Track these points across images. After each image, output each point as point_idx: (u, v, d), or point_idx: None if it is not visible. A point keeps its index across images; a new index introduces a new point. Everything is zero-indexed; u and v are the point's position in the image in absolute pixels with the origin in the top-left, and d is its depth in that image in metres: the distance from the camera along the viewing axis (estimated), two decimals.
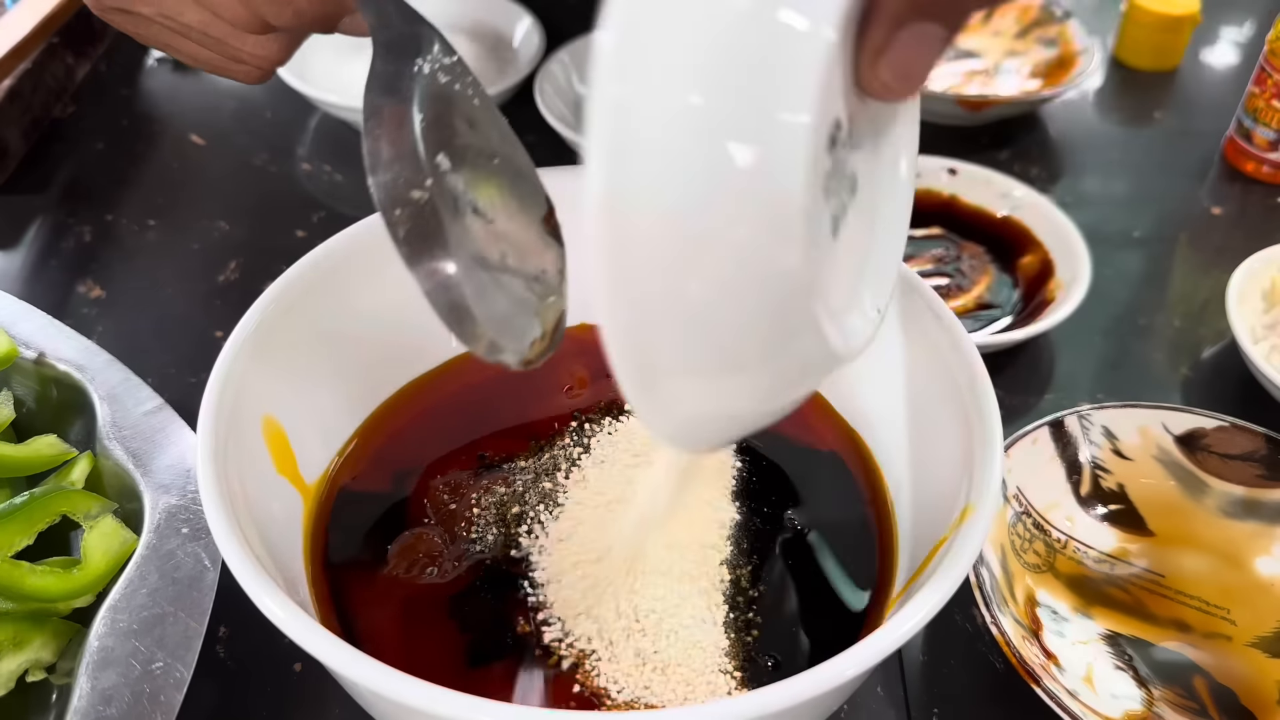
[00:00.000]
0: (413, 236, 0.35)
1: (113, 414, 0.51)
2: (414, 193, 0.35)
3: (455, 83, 0.40)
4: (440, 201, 0.35)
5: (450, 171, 0.37)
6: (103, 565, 0.46)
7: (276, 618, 0.34)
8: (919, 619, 0.35)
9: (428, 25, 0.41)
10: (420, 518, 0.47)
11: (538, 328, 0.37)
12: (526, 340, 0.36)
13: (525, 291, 0.37)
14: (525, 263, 0.37)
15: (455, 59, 0.40)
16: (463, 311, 0.35)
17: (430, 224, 0.35)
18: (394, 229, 0.35)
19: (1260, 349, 0.63)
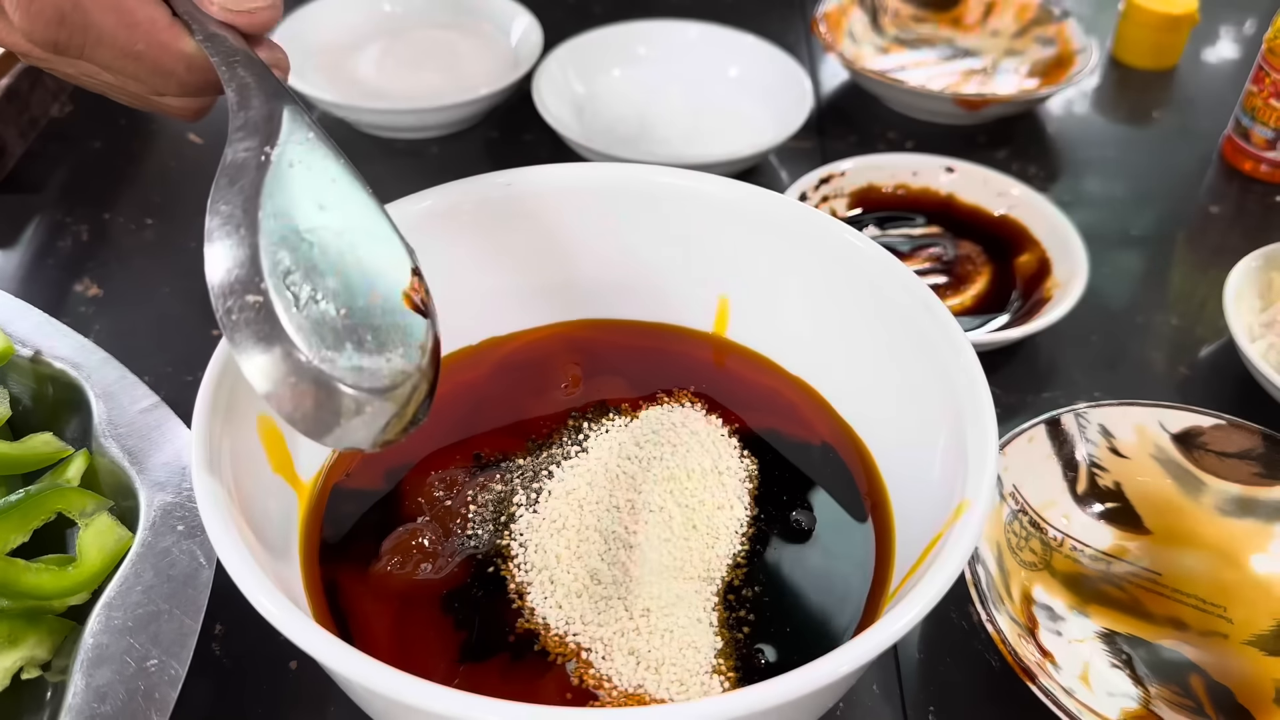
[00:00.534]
0: (248, 341, 0.34)
1: (108, 412, 0.51)
2: (249, 296, 0.34)
3: (310, 165, 0.39)
4: (277, 304, 0.35)
5: (291, 265, 0.36)
6: (98, 563, 0.46)
7: (271, 615, 0.34)
8: (912, 616, 0.35)
9: (289, 102, 0.40)
10: (414, 514, 0.47)
11: (390, 408, 0.36)
12: (377, 424, 0.36)
13: (373, 376, 0.36)
14: (377, 347, 0.37)
15: (311, 135, 0.40)
16: (306, 408, 0.35)
17: (266, 325, 0.34)
18: (229, 332, 0.35)
19: (1257, 347, 0.63)
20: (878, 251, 0.49)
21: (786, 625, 0.43)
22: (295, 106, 0.40)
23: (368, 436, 0.36)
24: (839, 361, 0.52)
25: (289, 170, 0.38)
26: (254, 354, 0.34)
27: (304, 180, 0.39)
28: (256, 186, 0.37)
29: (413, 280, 0.40)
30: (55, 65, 0.43)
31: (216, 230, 0.36)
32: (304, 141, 0.40)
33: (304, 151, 0.39)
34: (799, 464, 0.50)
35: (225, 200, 0.36)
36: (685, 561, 0.44)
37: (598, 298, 0.57)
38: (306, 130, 0.40)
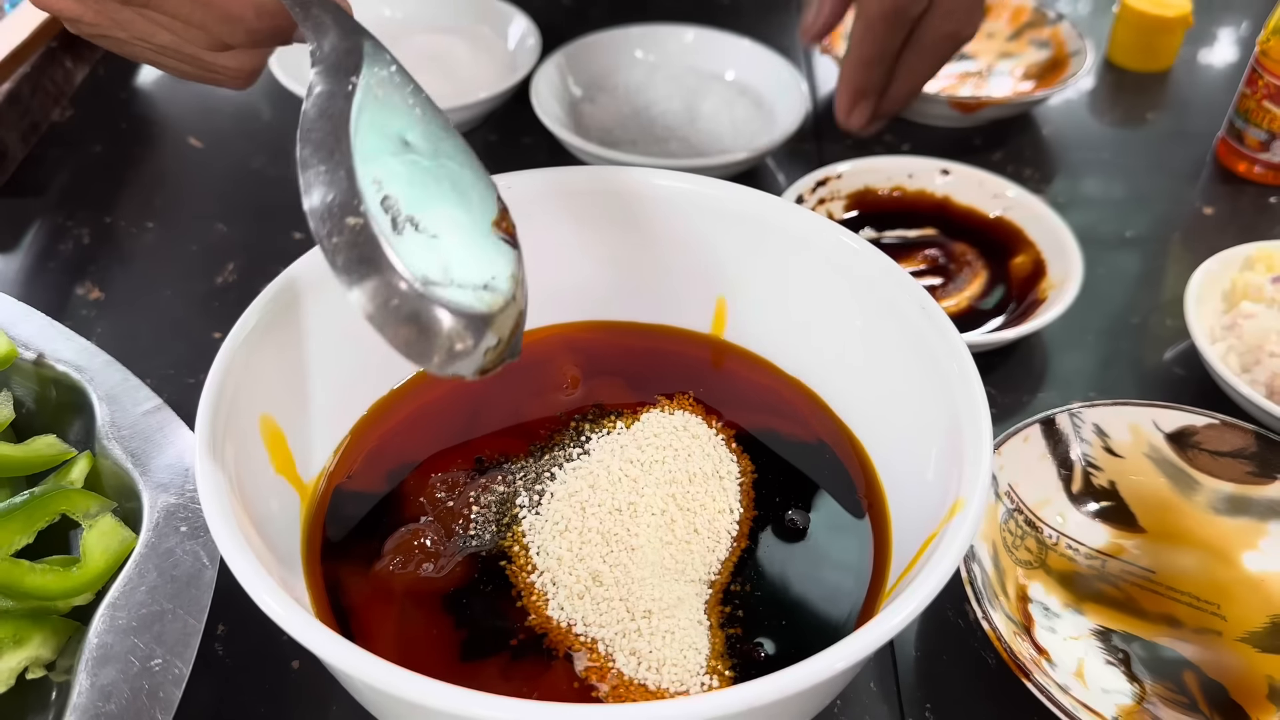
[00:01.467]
0: (350, 263, 0.35)
1: (111, 414, 0.52)
2: (349, 218, 0.35)
3: (394, 95, 0.40)
4: (377, 223, 0.35)
5: (387, 190, 0.37)
6: (102, 563, 0.46)
7: (275, 614, 0.35)
8: (907, 614, 0.35)
9: (368, 37, 0.41)
10: (416, 515, 0.47)
11: (491, 336, 0.37)
12: (480, 350, 0.36)
13: (474, 301, 0.36)
14: (473, 272, 0.37)
15: (394, 69, 0.40)
16: (408, 333, 0.35)
17: (367, 247, 0.35)
18: (331, 256, 0.35)
19: (1217, 349, 0.64)
20: (873, 254, 0.49)
21: (786, 625, 0.44)
22: (375, 41, 0.41)
23: (469, 363, 0.36)
24: (836, 362, 0.52)
25: (375, 100, 0.39)
26: (356, 276, 0.35)
27: (391, 109, 0.39)
28: (345, 114, 0.37)
29: (500, 209, 0.41)
30: (114, 23, 0.43)
31: (310, 156, 0.36)
32: (388, 73, 0.40)
33: (388, 82, 0.40)
34: (796, 465, 0.50)
35: (316, 128, 0.37)
36: (686, 564, 0.45)
37: (596, 299, 0.57)
38: (389, 64, 0.40)
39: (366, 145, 0.37)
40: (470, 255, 0.38)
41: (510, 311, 0.38)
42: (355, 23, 0.41)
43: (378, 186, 0.36)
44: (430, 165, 0.39)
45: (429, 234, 0.37)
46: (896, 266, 0.49)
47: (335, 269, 0.35)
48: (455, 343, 0.36)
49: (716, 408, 0.52)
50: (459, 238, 0.38)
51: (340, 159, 0.36)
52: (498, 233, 0.40)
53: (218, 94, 0.91)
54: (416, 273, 0.35)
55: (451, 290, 0.36)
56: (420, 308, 0.35)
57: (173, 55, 0.45)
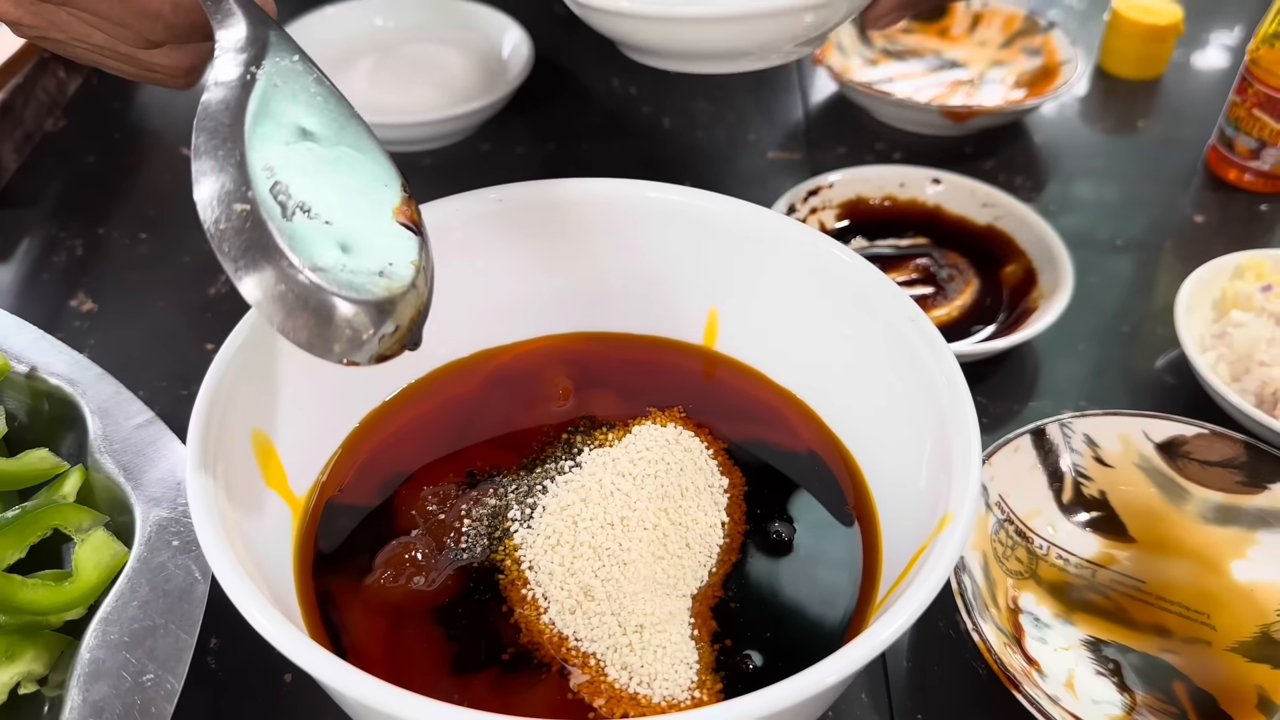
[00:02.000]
0: (236, 249, 0.35)
1: (104, 428, 0.52)
2: (236, 205, 0.35)
3: (295, 84, 0.40)
4: (265, 209, 0.35)
5: (279, 177, 0.36)
6: (94, 578, 0.46)
7: (265, 630, 0.35)
8: (896, 627, 0.35)
9: (275, 28, 0.41)
10: (408, 528, 0.47)
11: (389, 323, 0.36)
12: (375, 337, 0.36)
13: (369, 286, 0.36)
14: (368, 258, 0.37)
15: (297, 59, 0.41)
16: (297, 320, 0.35)
17: (254, 233, 0.35)
18: (218, 244, 0.35)
19: (1207, 358, 0.64)
20: (863, 265, 0.49)
21: (777, 639, 0.44)
22: (281, 32, 0.41)
23: (363, 350, 0.36)
24: (827, 373, 0.52)
25: (275, 89, 0.39)
26: (243, 263, 0.35)
27: (290, 98, 0.39)
28: (242, 102, 0.37)
29: (403, 198, 0.41)
30: (50, 24, 0.43)
31: (203, 145, 0.36)
32: (290, 63, 0.40)
33: (290, 71, 0.40)
34: (787, 476, 0.50)
35: (210, 117, 0.37)
36: (678, 579, 0.45)
37: (588, 311, 0.57)
38: (292, 53, 0.41)
39: (261, 133, 0.37)
40: (366, 242, 0.37)
41: (410, 299, 0.38)
42: (263, 14, 0.42)
43: (269, 173, 0.36)
44: (328, 153, 0.39)
45: (321, 220, 0.37)
46: (886, 278, 0.49)
47: (222, 256, 0.35)
48: (346, 329, 0.35)
49: (709, 419, 0.53)
50: (354, 224, 0.38)
51: (232, 147, 0.36)
52: (399, 219, 0.39)
53: None
54: (305, 259, 0.35)
55: (343, 276, 0.36)
56: (309, 294, 0.35)
57: (111, 55, 0.46)
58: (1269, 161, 0.81)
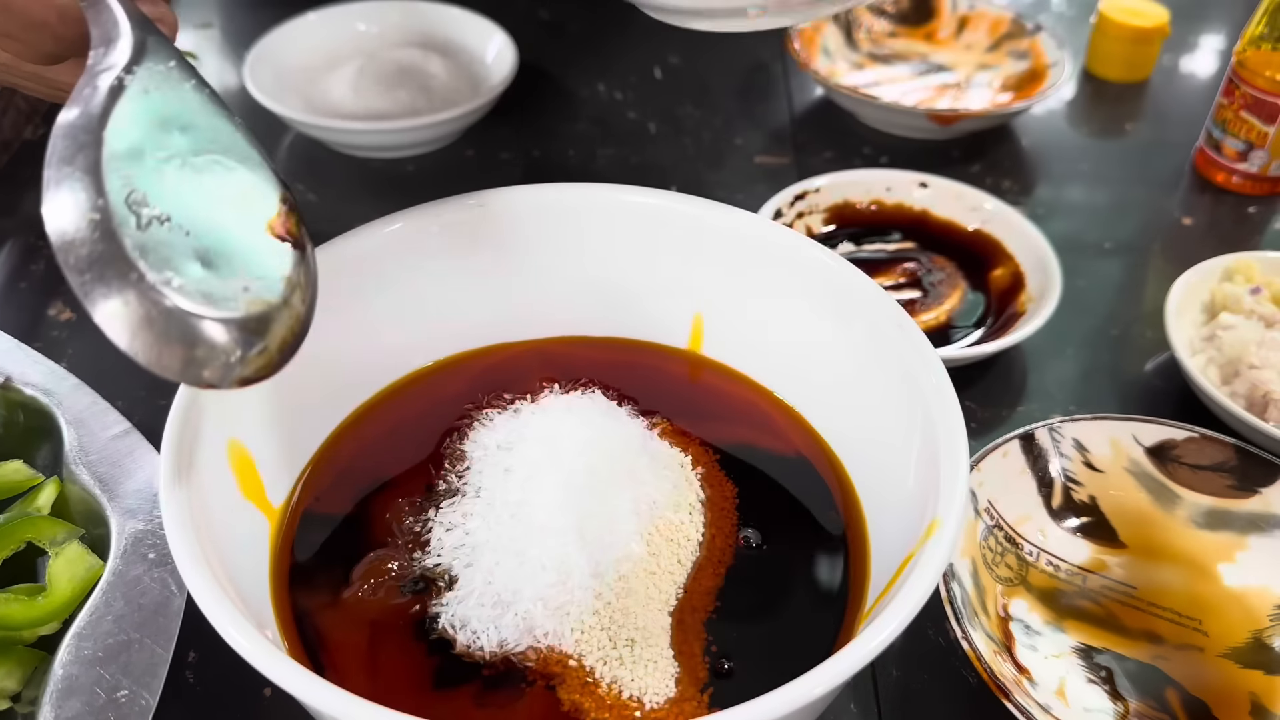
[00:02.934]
0: (83, 262, 0.32)
1: (80, 438, 0.51)
2: (88, 215, 0.33)
3: (168, 91, 0.38)
4: (117, 221, 0.33)
5: (136, 185, 0.34)
6: (68, 592, 0.45)
7: (240, 647, 0.34)
8: (885, 637, 0.35)
9: (152, 32, 0.39)
10: (386, 538, 0.46)
11: (252, 342, 0.34)
12: (233, 357, 0.34)
13: (230, 305, 0.34)
14: (232, 274, 0.35)
15: (173, 64, 0.39)
16: (145, 337, 0.33)
17: (103, 246, 0.32)
18: (63, 256, 0.33)
19: (1197, 361, 0.64)
20: (849, 270, 0.49)
21: (767, 650, 0.43)
22: (160, 38, 0.39)
23: (222, 370, 0.34)
24: (813, 379, 0.52)
25: (144, 95, 0.37)
26: (89, 276, 0.32)
27: (161, 106, 0.37)
28: (107, 109, 0.35)
29: (281, 209, 0.39)
30: None
31: (57, 151, 0.34)
32: (166, 68, 0.38)
33: (163, 78, 0.38)
34: (776, 486, 0.49)
35: (70, 124, 0.35)
36: (670, 593, 0.44)
37: (571, 315, 0.57)
38: (168, 60, 0.39)
39: (123, 141, 0.35)
40: (231, 255, 0.36)
41: (282, 317, 0.36)
42: (143, 18, 0.40)
43: (125, 182, 0.34)
44: (199, 162, 0.37)
45: (181, 232, 0.35)
46: (872, 283, 0.48)
47: (67, 269, 0.32)
48: (201, 348, 0.33)
49: (695, 426, 0.52)
50: (219, 237, 0.36)
51: (88, 154, 0.34)
52: (272, 232, 0.38)
53: None
54: (158, 272, 0.33)
55: (201, 289, 0.34)
56: (159, 308, 0.33)
57: (16, 73, 0.44)
58: (1256, 163, 0.81)
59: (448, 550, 0.45)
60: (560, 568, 0.43)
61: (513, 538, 0.44)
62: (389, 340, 0.53)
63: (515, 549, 0.44)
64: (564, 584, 0.42)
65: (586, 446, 0.47)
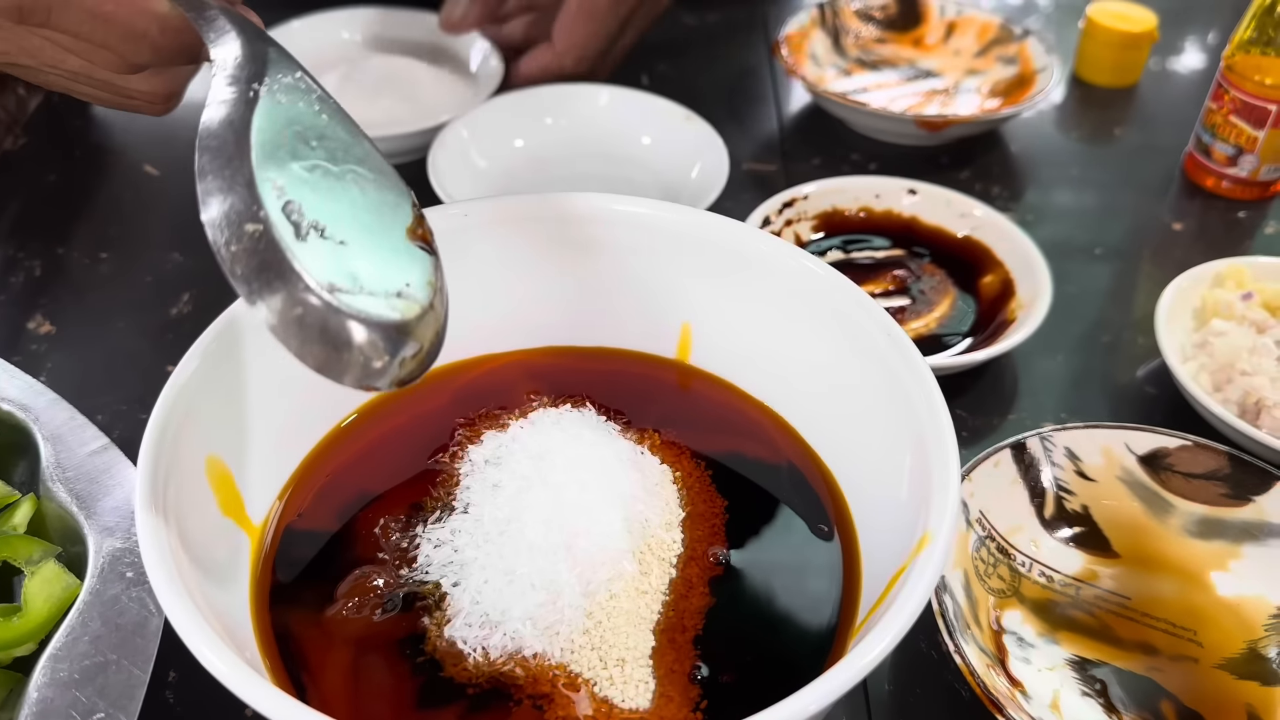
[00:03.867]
0: (250, 271, 0.33)
1: (57, 455, 0.50)
2: (248, 225, 0.34)
3: (299, 101, 0.39)
4: (277, 229, 0.34)
5: (290, 196, 0.35)
6: (44, 612, 0.45)
7: (218, 672, 0.33)
8: (877, 653, 0.34)
9: (272, 44, 0.40)
10: (370, 555, 0.45)
11: (409, 345, 0.35)
12: (395, 361, 0.35)
13: (387, 309, 0.35)
14: (385, 279, 0.36)
15: (299, 75, 0.39)
16: (315, 344, 0.34)
17: (268, 254, 0.33)
18: (229, 266, 0.33)
19: (1189, 368, 0.63)
20: (837, 278, 0.48)
21: (758, 667, 0.42)
22: (279, 49, 0.40)
23: (383, 374, 0.35)
24: (804, 388, 0.51)
25: (278, 106, 0.38)
26: (256, 285, 0.33)
27: (295, 115, 0.38)
28: (246, 120, 0.36)
29: (415, 216, 0.40)
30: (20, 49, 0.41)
31: (208, 165, 0.35)
32: (292, 79, 0.39)
33: (292, 89, 0.39)
34: (767, 498, 0.49)
35: (214, 136, 0.36)
36: (660, 613, 0.43)
37: (558, 325, 0.56)
38: (294, 69, 0.39)
39: (268, 152, 0.36)
40: (382, 262, 0.37)
41: (429, 320, 0.37)
42: (259, 30, 0.40)
43: (279, 193, 0.35)
44: (338, 171, 0.38)
45: (335, 240, 0.35)
46: (860, 291, 0.48)
47: (234, 279, 0.33)
48: (367, 353, 0.34)
49: (685, 437, 0.51)
50: (369, 244, 0.37)
51: (239, 166, 0.35)
52: (412, 240, 0.39)
53: (175, 120, 0.89)
54: (322, 280, 0.34)
55: (361, 298, 0.35)
56: (326, 316, 0.34)
57: (85, 81, 0.44)
58: (1246, 168, 0.81)
59: (435, 567, 0.44)
60: (550, 586, 0.42)
61: (501, 555, 0.43)
62: None
63: (504, 567, 0.43)
64: (554, 603, 0.42)
65: (576, 463, 0.46)
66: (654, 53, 0.99)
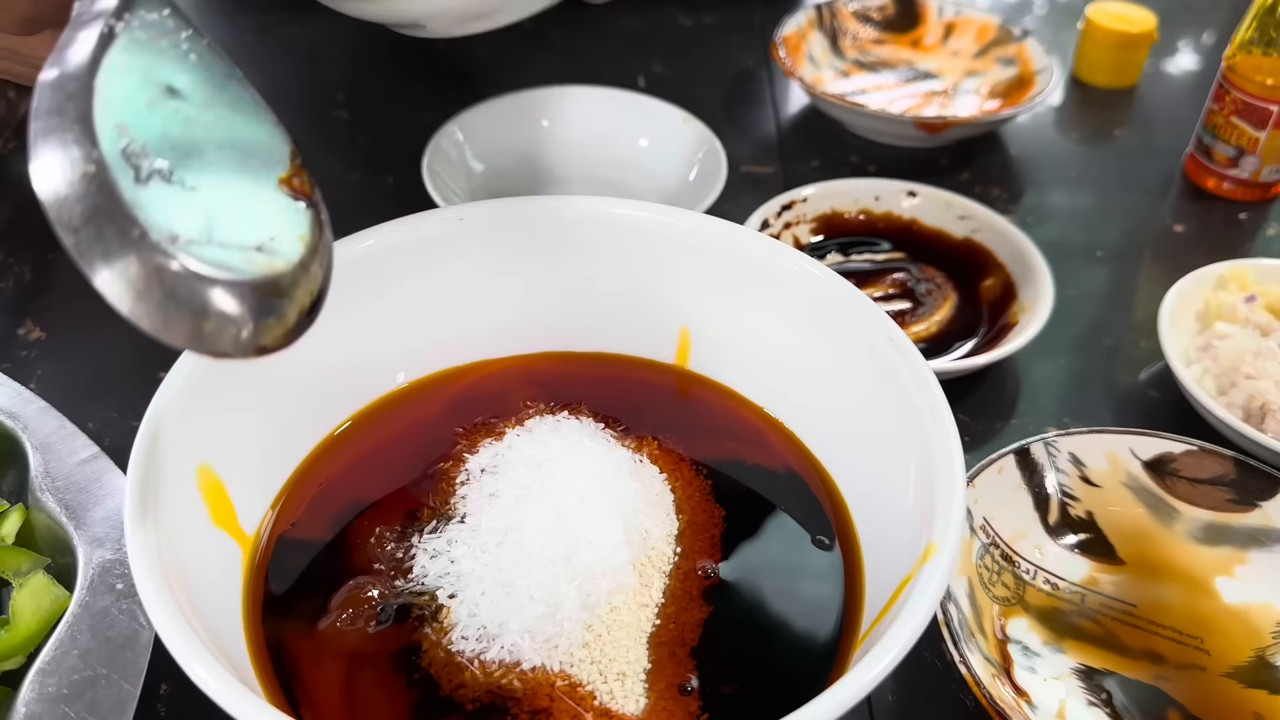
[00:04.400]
0: (78, 219, 0.30)
1: (46, 464, 0.49)
2: (81, 167, 0.30)
3: (162, 40, 0.36)
4: (114, 173, 0.30)
5: (133, 137, 0.32)
6: (33, 625, 0.44)
7: (209, 688, 0.33)
8: (882, 668, 0.33)
9: None
10: (365, 566, 0.45)
11: (270, 305, 0.32)
12: (245, 323, 0.31)
13: (242, 263, 0.32)
14: (243, 231, 0.33)
15: (167, 13, 0.36)
16: (149, 299, 0.30)
17: (99, 200, 0.30)
18: (55, 214, 0.30)
19: (1192, 372, 0.62)
20: (837, 281, 0.48)
21: (761, 682, 0.42)
22: None
23: (236, 338, 0.31)
24: (804, 394, 0.50)
25: (137, 45, 0.34)
26: (84, 234, 0.30)
27: (156, 55, 0.35)
28: (96, 57, 0.33)
29: (293, 166, 0.36)
30: None
31: (44, 102, 0.31)
32: (157, 16, 0.36)
33: (156, 26, 0.36)
34: (768, 507, 0.48)
35: (56, 72, 0.32)
36: (661, 625, 0.43)
37: (555, 330, 0.55)
38: (161, 7, 0.36)
39: (116, 91, 0.33)
40: (241, 213, 0.33)
41: (300, 280, 0.33)
42: None
43: (121, 133, 0.32)
44: (200, 115, 0.35)
45: (184, 187, 0.32)
46: (862, 295, 0.47)
47: (60, 227, 0.30)
48: (213, 312, 0.31)
49: (684, 444, 0.50)
50: (227, 193, 0.34)
51: (77, 103, 0.31)
52: (285, 190, 0.35)
53: None
54: (162, 229, 0.30)
55: (209, 249, 0.31)
56: (164, 270, 0.30)
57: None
58: (1248, 169, 0.80)
59: (431, 578, 0.43)
60: (549, 599, 0.41)
61: (499, 567, 0.43)
62: (365, 358, 0.51)
63: (502, 579, 0.42)
64: (553, 615, 0.41)
65: (575, 472, 0.45)
66: (651, 54, 0.98)
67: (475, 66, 0.95)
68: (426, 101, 0.83)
